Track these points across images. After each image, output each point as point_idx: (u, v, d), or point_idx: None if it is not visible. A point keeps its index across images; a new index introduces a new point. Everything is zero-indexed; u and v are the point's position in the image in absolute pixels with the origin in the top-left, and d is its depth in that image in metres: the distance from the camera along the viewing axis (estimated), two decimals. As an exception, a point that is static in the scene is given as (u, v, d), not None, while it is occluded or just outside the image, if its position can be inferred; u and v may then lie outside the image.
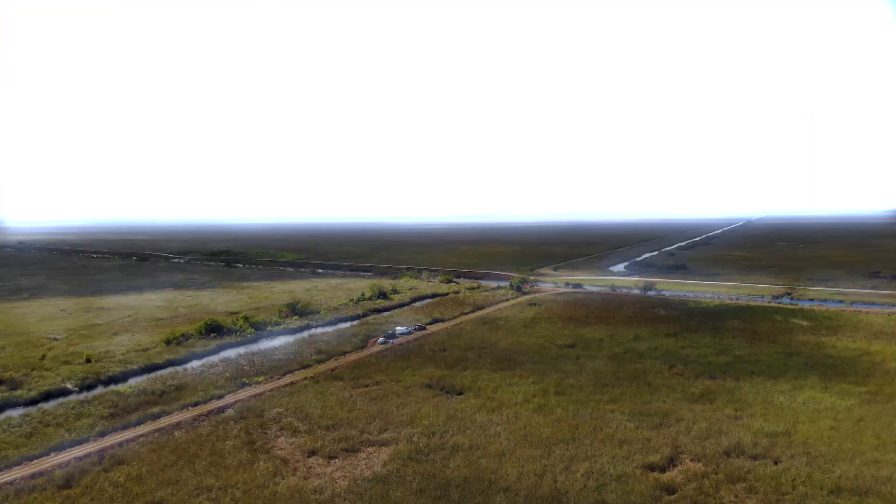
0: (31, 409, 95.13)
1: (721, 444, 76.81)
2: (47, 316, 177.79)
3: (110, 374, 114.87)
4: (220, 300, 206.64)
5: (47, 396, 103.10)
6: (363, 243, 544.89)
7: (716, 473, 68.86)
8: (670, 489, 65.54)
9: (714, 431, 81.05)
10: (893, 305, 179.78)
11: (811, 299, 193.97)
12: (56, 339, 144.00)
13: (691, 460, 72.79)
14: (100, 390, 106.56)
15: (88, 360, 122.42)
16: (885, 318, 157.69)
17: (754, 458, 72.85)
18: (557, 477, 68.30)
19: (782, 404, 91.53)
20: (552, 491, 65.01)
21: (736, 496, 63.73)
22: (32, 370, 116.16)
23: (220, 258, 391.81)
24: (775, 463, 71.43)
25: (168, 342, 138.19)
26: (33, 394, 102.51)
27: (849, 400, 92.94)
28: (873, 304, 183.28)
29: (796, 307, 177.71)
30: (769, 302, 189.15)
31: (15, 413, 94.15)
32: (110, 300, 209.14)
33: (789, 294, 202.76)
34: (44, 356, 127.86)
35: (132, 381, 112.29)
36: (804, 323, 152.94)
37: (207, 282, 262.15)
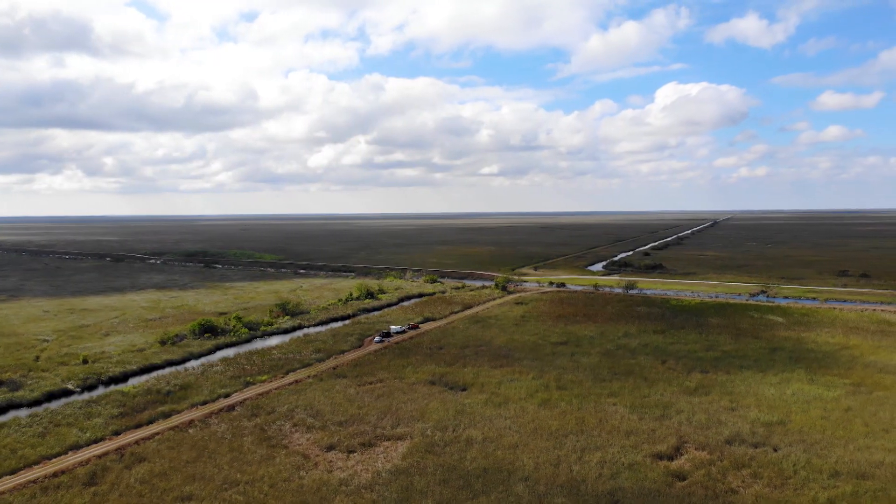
0: (37, 410, 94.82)
1: (722, 433, 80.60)
2: (31, 317, 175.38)
3: (111, 374, 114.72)
4: (205, 301, 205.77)
5: (50, 397, 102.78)
6: (338, 243, 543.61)
7: (721, 461, 72.48)
8: (680, 476, 68.91)
9: (714, 422, 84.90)
10: (864, 302, 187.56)
11: (786, 297, 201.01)
12: (46, 341, 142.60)
13: (696, 449, 76.36)
14: (102, 390, 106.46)
15: (86, 361, 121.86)
16: (857, 315, 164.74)
17: (755, 445, 76.73)
18: (572, 466, 71.21)
19: (774, 396, 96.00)
20: (570, 479, 67.90)
21: (743, 481, 67.37)
22: (30, 371, 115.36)
23: (197, 259, 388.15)
24: (775, 450, 75.37)
25: (163, 342, 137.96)
26: (36, 394, 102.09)
27: (835, 391, 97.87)
28: (845, 301, 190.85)
29: (774, 304, 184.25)
30: (747, 300, 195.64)
31: (21, 414, 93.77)
32: (93, 301, 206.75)
33: (765, 292, 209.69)
34: (37, 357, 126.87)
35: (132, 382, 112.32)
36: (779, 319, 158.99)
37: (189, 282, 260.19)
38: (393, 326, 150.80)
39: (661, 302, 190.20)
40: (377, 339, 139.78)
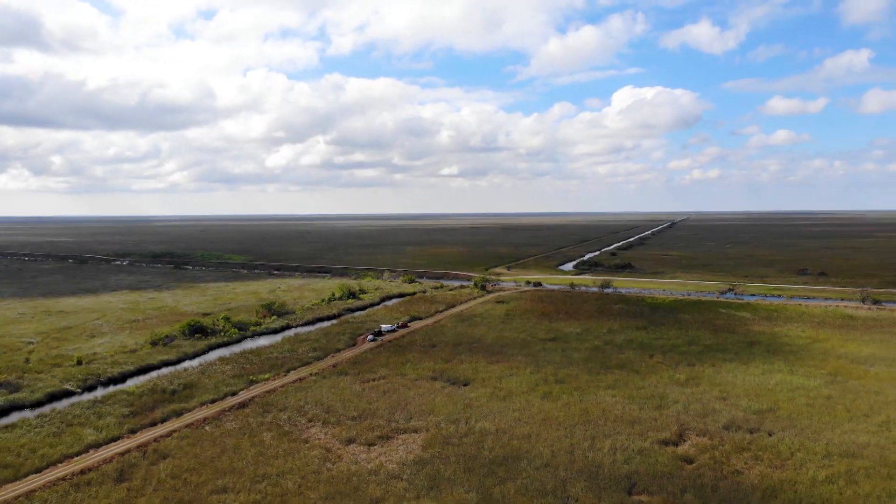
0: (43, 410, 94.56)
1: (719, 421, 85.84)
2: (7, 320, 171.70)
3: (109, 375, 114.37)
4: (185, 301, 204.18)
5: (52, 398, 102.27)
6: (304, 244, 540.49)
7: (722, 445, 77.51)
8: (688, 460, 73.64)
9: (709, 410, 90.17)
10: (826, 299, 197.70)
11: (753, 294, 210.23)
12: (32, 343, 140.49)
13: (697, 435, 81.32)
14: (103, 391, 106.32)
15: (80, 362, 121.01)
16: (822, 310, 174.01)
17: (750, 431, 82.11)
18: (586, 453, 75.26)
19: (759, 386, 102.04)
20: (586, 465, 71.90)
21: (745, 463, 72.45)
22: (24, 373, 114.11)
23: (164, 260, 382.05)
24: (770, 435, 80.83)
25: (153, 343, 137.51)
26: (38, 395, 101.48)
27: (815, 381, 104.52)
28: (808, 297, 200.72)
29: (744, 302, 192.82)
30: (718, 297, 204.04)
31: (27, 415, 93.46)
32: (67, 303, 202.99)
33: (732, 290, 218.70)
34: (27, 359, 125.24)
35: (131, 382, 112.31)
36: (751, 315, 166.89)
37: (163, 283, 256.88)
38: (384, 325, 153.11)
39: (637, 300, 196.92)
40: (370, 337, 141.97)
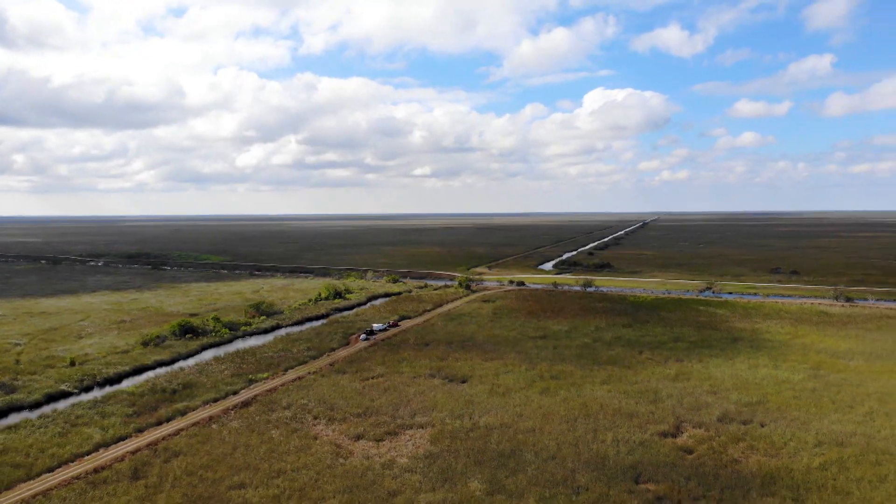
0: (45, 411, 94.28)
1: (712, 413, 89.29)
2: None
3: (105, 375, 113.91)
4: (169, 302, 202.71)
5: (50, 398, 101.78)
6: (280, 244, 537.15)
7: (718, 436, 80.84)
8: (688, 450, 76.76)
9: (702, 404, 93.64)
10: (801, 297, 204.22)
11: (730, 293, 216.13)
12: (19, 345, 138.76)
13: (693, 427, 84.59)
14: (101, 391, 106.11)
15: (73, 363, 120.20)
16: (798, 307, 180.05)
17: (744, 423, 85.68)
18: (591, 445, 77.95)
19: (747, 380, 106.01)
20: (592, 457, 74.55)
21: (742, 453, 75.81)
22: (18, 374, 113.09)
23: (140, 261, 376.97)
24: (762, 426, 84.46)
25: (145, 344, 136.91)
26: (36, 396, 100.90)
27: (799, 375, 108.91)
28: (783, 295, 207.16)
29: (722, 300, 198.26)
30: (697, 295, 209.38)
31: (28, 416, 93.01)
32: (47, 304, 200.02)
33: (710, 288, 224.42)
34: (18, 360, 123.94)
35: (127, 383, 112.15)
36: (726, 312, 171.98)
37: (144, 284, 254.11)
38: (375, 324, 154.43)
39: (620, 298, 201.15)
40: (363, 336, 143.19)
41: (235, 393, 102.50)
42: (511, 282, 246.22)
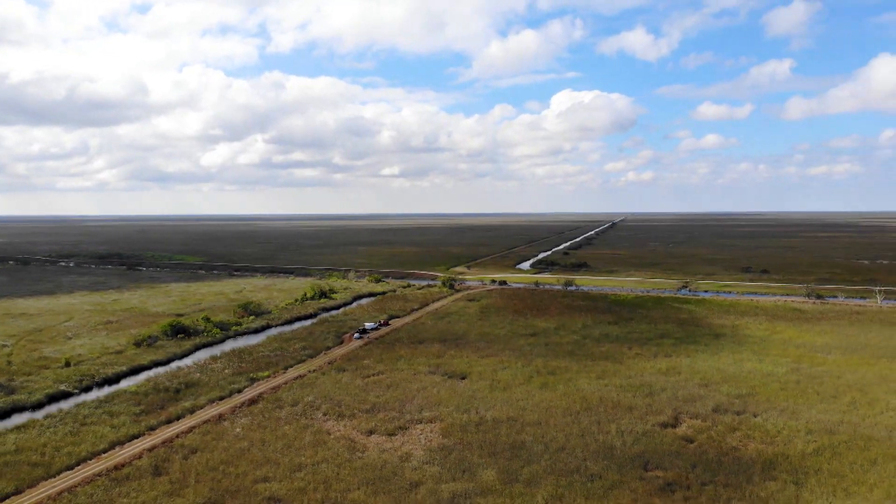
0: (50, 410, 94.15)
1: (707, 405, 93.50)
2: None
3: (103, 375, 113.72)
4: (151, 302, 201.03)
5: (52, 399, 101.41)
6: (253, 244, 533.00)
7: (715, 426, 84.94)
8: (689, 440, 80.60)
9: (696, 396, 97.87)
10: (774, 294, 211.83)
11: (706, 291, 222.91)
12: (6, 346, 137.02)
13: (690, 418, 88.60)
14: (101, 391, 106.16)
15: (68, 364, 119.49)
16: (773, 305, 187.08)
17: (737, 413, 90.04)
18: (597, 436, 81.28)
19: (735, 374, 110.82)
20: (600, 447, 77.86)
21: (740, 441, 79.96)
22: (14, 376, 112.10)
23: (113, 261, 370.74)
24: (755, 416, 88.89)
25: (137, 344, 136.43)
26: (38, 397, 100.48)
27: (782, 368, 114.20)
28: (757, 293, 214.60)
29: (700, 298, 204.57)
30: (675, 294, 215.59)
31: (34, 416, 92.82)
32: (26, 304, 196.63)
33: (686, 286, 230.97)
34: (10, 361, 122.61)
35: (125, 382, 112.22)
36: (705, 310, 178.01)
37: (121, 284, 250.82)
38: (367, 323, 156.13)
39: (601, 297, 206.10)
40: (356, 335, 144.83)
41: (240, 391, 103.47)
42: (493, 281, 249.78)
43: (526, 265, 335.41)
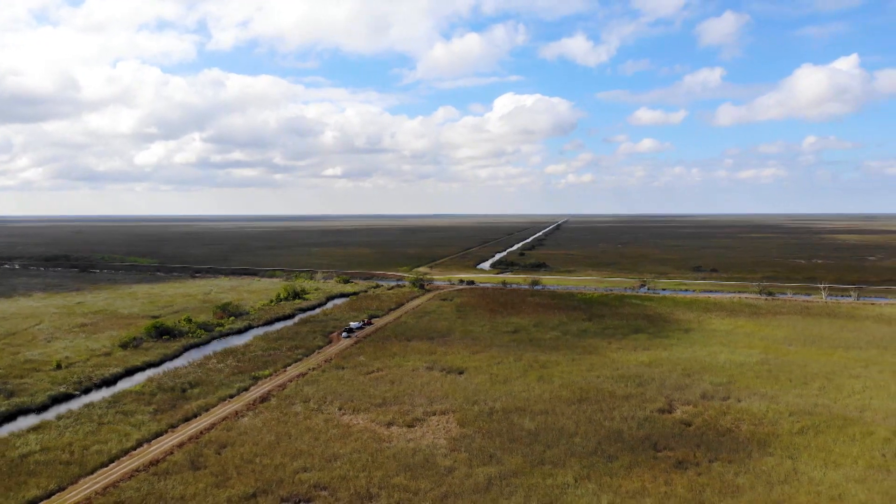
0: (60, 412, 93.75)
1: (695, 393, 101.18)
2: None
3: (102, 376, 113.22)
4: (119, 304, 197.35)
5: (55, 401, 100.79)
6: (202, 246, 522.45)
7: (707, 411, 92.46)
8: (686, 423, 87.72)
9: (683, 385, 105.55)
10: (727, 292, 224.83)
11: (664, 289, 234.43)
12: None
13: (683, 405, 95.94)
14: (101, 392, 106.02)
15: (59, 366, 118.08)
16: (729, 301, 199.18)
17: (724, 399, 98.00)
18: (604, 423, 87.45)
19: (712, 364, 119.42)
20: (609, 431, 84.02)
21: (733, 423, 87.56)
22: (8, 379, 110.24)
23: (62, 263, 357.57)
24: (739, 401, 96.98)
25: (124, 346, 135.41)
26: (41, 399, 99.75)
27: (753, 358, 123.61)
28: (712, 291, 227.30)
29: (661, 296, 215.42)
30: (636, 292, 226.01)
31: (43, 417, 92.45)
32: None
33: (645, 285, 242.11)
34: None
35: (123, 384, 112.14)
36: (669, 307, 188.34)
37: (81, 287, 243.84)
38: (352, 323, 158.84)
39: (568, 295, 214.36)
40: (344, 334, 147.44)
41: (247, 389, 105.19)
42: (461, 281, 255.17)
43: (486, 265, 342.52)
